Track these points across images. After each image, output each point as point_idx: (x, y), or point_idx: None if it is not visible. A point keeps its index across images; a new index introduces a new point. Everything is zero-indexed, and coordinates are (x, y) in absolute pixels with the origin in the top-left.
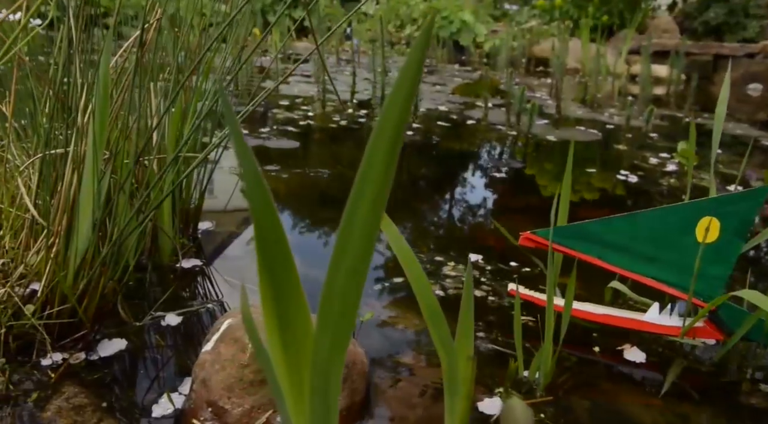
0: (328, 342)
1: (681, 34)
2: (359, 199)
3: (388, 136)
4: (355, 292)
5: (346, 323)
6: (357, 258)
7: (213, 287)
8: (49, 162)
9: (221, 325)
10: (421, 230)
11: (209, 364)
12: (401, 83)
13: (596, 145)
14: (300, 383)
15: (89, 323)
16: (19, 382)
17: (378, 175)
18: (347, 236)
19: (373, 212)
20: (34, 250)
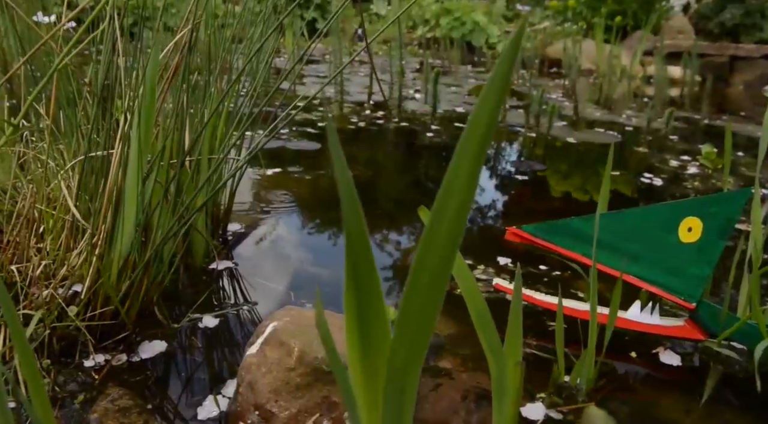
0: (405, 352)
1: (696, 35)
2: (443, 209)
3: (473, 150)
4: (435, 302)
5: (424, 334)
6: (438, 268)
7: (246, 289)
8: (90, 164)
9: (266, 328)
10: None
11: (255, 367)
12: (488, 93)
13: (616, 148)
14: (375, 392)
15: (131, 325)
16: (64, 383)
17: (463, 184)
18: (429, 247)
19: (456, 221)
20: (77, 251)
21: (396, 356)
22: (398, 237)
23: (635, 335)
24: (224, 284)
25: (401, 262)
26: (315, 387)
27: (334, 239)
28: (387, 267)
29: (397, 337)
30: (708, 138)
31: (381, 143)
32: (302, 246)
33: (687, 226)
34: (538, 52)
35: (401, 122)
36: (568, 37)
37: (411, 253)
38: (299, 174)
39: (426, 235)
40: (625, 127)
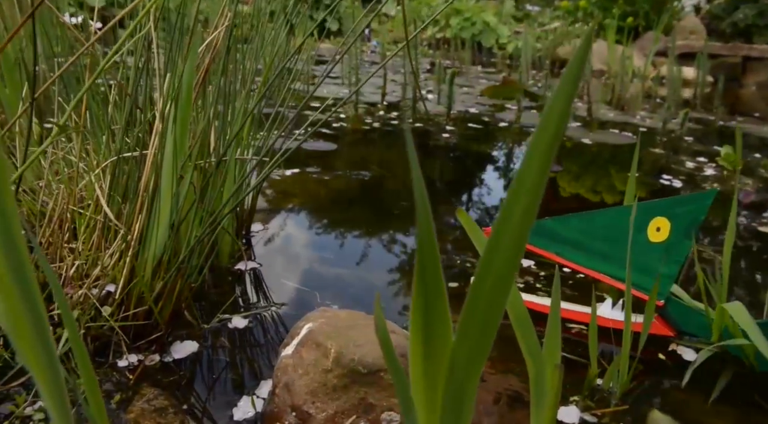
0: (466, 357)
1: (708, 36)
2: (511, 211)
3: (541, 153)
4: (499, 307)
5: (487, 338)
6: (503, 271)
7: (272, 290)
8: (122, 165)
9: (301, 329)
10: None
11: (292, 368)
12: (559, 96)
13: (631, 149)
14: (434, 397)
15: (164, 325)
16: (99, 383)
17: (534, 181)
18: (495, 251)
19: (523, 224)
20: (110, 252)
21: (457, 361)
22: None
23: (651, 338)
24: (250, 284)
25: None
26: (352, 389)
27: (355, 240)
28: (403, 266)
29: (459, 341)
30: (723, 139)
31: (396, 144)
32: (323, 247)
33: (656, 226)
34: (549, 53)
35: (415, 123)
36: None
37: None
38: (317, 175)
39: (491, 240)
40: (639, 128)
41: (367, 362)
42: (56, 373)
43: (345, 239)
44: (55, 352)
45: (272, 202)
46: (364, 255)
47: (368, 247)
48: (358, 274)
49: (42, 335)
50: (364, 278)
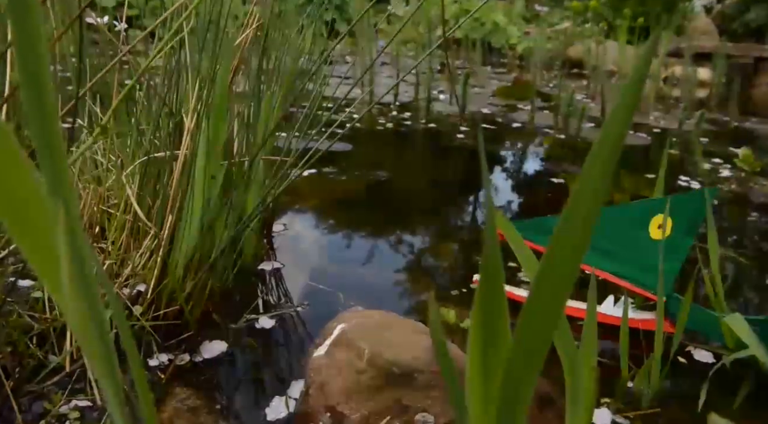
0: (521, 365)
1: (720, 36)
2: (572, 216)
3: (599, 170)
4: (556, 311)
5: (544, 342)
6: (561, 282)
7: (296, 290)
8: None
9: (333, 330)
10: None
11: (325, 369)
12: (619, 109)
13: (647, 150)
14: (490, 400)
15: (194, 325)
16: (132, 382)
17: (594, 188)
18: (553, 262)
19: (584, 230)
20: (141, 251)
21: (514, 364)
22: (436, 239)
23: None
24: (274, 284)
25: (436, 262)
26: (386, 390)
27: (374, 240)
28: (423, 265)
29: (516, 345)
30: (738, 141)
31: (412, 145)
32: (344, 247)
33: (657, 223)
34: (560, 53)
35: (429, 123)
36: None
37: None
38: (334, 175)
39: (550, 250)
40: (653, 129)
41: (401, 362)
42: (114, 369)
43: (364, 239)
44: (112, 348)
45: (291, 202)
46: (384, 255)
47: (388, 247)
48: (379, 274)
49: (104, 335)
50: (385, 278)
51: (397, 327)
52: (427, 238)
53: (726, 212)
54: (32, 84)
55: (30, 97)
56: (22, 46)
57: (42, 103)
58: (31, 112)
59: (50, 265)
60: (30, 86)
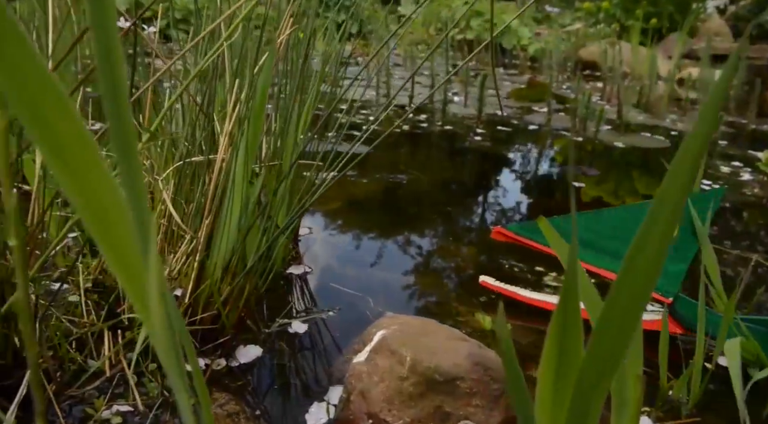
0: (595, 374)
1: (734, 38)
2: (650, 230)
3: (681, 180)
4: (631, 326)
5: (618, 355)
6: (636, 296)
7: (325, 294)
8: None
9: (373, 336)
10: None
11: (366, 375)
12: (701, 126)
13: (666, 153)
14: (561, 411)
15: (231, 330)
16: (171, 387)
17: (672, 206)
18: (629, 275)
19: (661, 244)
20: (178, 255)
21: (585, 376)
22: (459, 242)
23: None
24: (303, 288)
25: (461, 265)
26: (427, 397)
27: (398, 244)
28: (446, 269)
29: (589, 357)
30: (756, 143)
31: (429, 147)
32: (368, 250)
33: None
34: (572, 55)
35: (445, 126)
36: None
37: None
38: (355, 178)
39: (626, 263)
40: (671, 132)
41: (443, 369)
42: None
43: (387, 243)
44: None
45: (314, 205)
46: (407, 257)
47: (410, 249)
48: (405, 279)
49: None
50: (411, 282)
51: (436, 334)
52: (450, 240)
53: (748, 215)
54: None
55: (105, 77)
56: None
57: (116, 93)
58: (109, 109)
59: (133, 274)
60: (107, 80)
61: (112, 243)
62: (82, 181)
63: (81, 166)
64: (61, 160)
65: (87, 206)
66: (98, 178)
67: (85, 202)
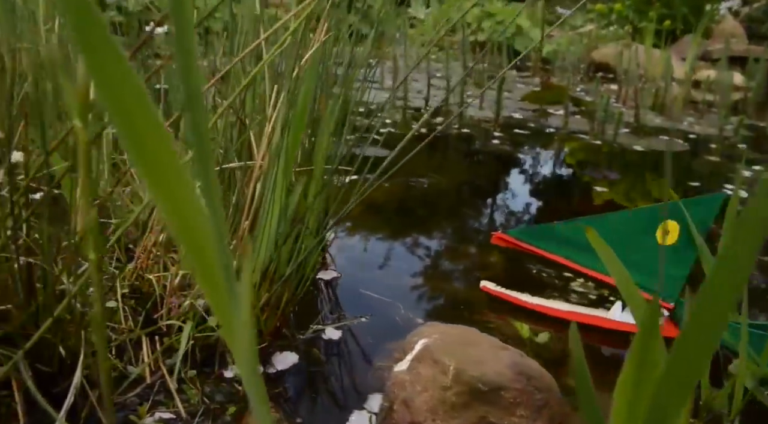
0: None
1: (748, 40)
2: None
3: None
4: (712, 343)
5: (693, 376)
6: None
7: (355, 300)
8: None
9: (414, 344)
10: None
11: (409, 384)
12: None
13: (686, 157)
14: None
15: (268, 337)
16: (211, 394)
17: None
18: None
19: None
20: None
21: (661, 395)
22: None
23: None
24: (334, 294)
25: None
26: (471, 407)
27: (423, 248)
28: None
29: (666, 376)
30: None
31: (448, 150)
32: (395, 255)
33: (665, 229)
34: (585, 57)
35: (462, 129)
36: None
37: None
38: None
39: (706, 284)
40: (689, 135)
41: (487, 379)
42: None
43: (414, 247)
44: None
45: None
46: (434, 263)
47: (437, 255)
48: (434, 285)
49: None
50: (439, 288)
51: (478, 342)
52: (476, 246)
53: None
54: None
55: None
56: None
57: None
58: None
59: (213, 278)
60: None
61: (202, 263)
62: (176, 203)
63: (175, 188)
64: (163, 190)
65: (181, 228)
66: (188, 199)
67: (179, 223)
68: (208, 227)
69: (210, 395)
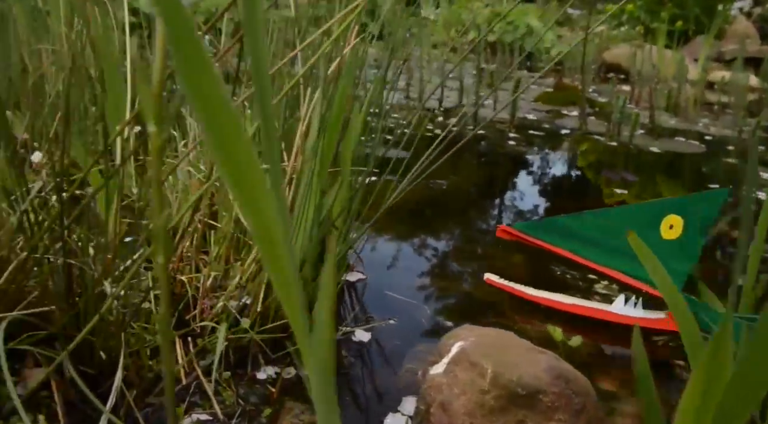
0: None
1: (761, 41)
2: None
3: None
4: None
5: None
6: None
7: (381, 302)
8: None
9: (450, 347)
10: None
11: (447, 387)
12: None
13: (703, 158)
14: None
15: None
16: (245, 395)
17: None
18: None
19: None
20: (248, 263)
21: (728, 403)
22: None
23: None
24: (359, 296)
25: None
26: (510, 411)
27: (446, 250)
28: None
29: (731, 392)
30: None
31: (464, 151)
32: (418, 256)
33: (669, 223)
34: (596, 57)
35: (477, 130)
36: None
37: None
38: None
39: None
40: (705, 137)
41: (525, 383)
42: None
43: (437, 248)
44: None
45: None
46: (458, 265)
47: (460, 256)
48: (458, 287)
49: None
50: (464, 289)
51: (514, 345)
52: (499, 248)
53: None
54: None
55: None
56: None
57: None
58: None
59: (286, 279)
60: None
61: (276, 265)
62: (257, 208)
63: (257, 194)
64: (246, 196)
65: (261, 234)
66: (267, 203)
67: (259, 228)
68: (282, 233)
69: (244, 396)
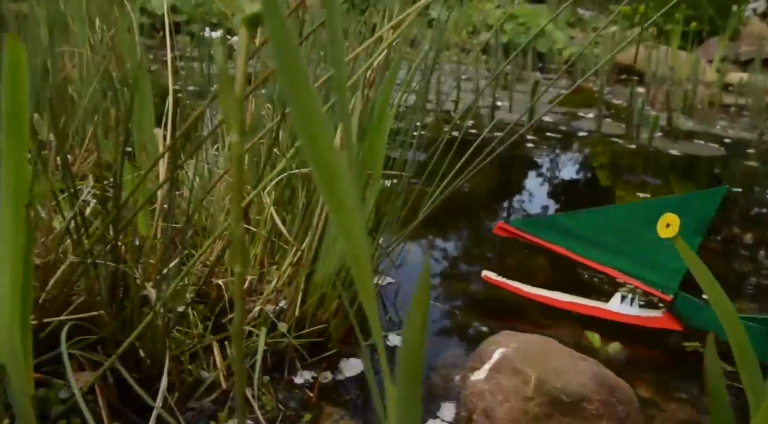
0: None
1: None
2: None
3: None
4: None
5: None
6: None
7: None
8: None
9: (492, 353)
10: None
11: (489, 394)
12: None
13: (723, 161)
14: None
15: (337, 344)
16: (284, 400)
17: None
18: None
19: None
20: (283, 268)
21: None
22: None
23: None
24: (388, 299)
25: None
26: (554, 418)
27: (472, 252)
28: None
29: None
30: None
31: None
32: (446, 259)
33: (665, 222)
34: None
35: (494, 132)
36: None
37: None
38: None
39: None
40: (724, 139)
41: (569, 390)
42: None
43: (463, 251)
44: None
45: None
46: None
47: (486, 259)
48: (488, 291)
49: None
50: (493, 293)
51: (559, 353)
52: (526, 252)
53: None
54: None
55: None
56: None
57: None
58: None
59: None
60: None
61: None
62: (342, 207)
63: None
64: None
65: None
66: (350, 204)
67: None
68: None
69: (284, 401)
